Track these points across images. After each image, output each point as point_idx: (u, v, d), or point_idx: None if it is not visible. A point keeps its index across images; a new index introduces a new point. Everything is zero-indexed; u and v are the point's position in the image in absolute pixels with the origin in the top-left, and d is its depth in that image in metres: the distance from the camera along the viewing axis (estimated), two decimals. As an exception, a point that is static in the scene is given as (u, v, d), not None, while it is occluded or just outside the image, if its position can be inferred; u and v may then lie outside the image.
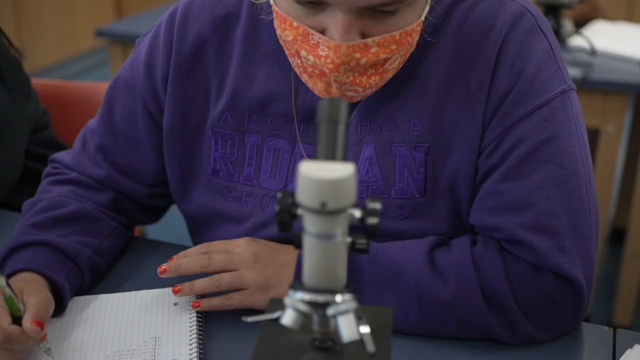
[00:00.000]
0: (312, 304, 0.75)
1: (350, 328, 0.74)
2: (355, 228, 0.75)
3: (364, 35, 0.95)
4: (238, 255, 1.06)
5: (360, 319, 0.78)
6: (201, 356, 0.97)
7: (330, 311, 0.74)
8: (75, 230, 1.12)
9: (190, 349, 0.98)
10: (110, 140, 1.21)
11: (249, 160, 1.14)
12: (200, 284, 1.06)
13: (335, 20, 0.93)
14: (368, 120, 1.09)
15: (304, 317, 0.75)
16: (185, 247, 1.20)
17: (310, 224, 0.73)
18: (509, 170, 1.02)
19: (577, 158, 1.03)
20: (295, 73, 1.10)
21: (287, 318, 0.75)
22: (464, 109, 1.05)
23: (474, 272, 1.01)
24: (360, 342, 0.78)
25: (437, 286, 1.01)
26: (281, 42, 1.03)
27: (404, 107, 1.07)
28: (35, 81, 1.70)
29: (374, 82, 0.99)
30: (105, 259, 1.16)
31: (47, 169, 1.24)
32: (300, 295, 0.75)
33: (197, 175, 1.19)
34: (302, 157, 1.12)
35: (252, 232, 1.15)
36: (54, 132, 1.67)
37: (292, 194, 0.77)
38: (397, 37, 0.96)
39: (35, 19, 4.78)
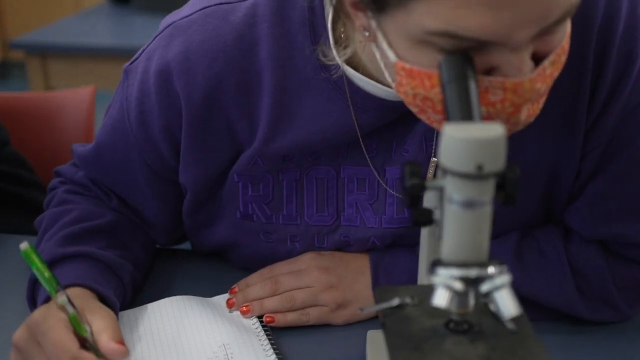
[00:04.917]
0: (464, 281, 0.67)
1: (511, 303, 0.67)
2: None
3: (535, 58, 0.74)
4: (308, 274, 0.97)
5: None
6: (280, 357, 0.87)
7: (484, 287, 0.67)
8: (113, 242, 0.99)
9: (267, 353, 0.88)
10: (107, 178, 1.03)
11: (288, 198, 0.98)
12: (271, 304, 0.96)
13: (503, 56, 0.71)
14: (435, 133, 0.91)
15: (456, 296, 0.68)
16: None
17: (458, 191, 0.65)
18: (623, 171, 0.90)
19: None
20: (350, 91, 0.90)
21: (440, 298, 0.67)
22: (555, 107, 0.88)
23: (571, 275, 0.94)
24: (495, 321, 0.72)
25: (528, 293, 0.93)
26: (414, 105, 0.79)
27: None
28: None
29: (542, 103, 0.79)
30: (142, 273, 1.03)
31: (57, 180, 1.08)
32: (451, 271, 0.67)
33: (221, 217, 1.02)
34: (351, 182, 0.97)
35: None
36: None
37: (418, 164, 0.70)
38: (566, 45, 0.76)
39: None
